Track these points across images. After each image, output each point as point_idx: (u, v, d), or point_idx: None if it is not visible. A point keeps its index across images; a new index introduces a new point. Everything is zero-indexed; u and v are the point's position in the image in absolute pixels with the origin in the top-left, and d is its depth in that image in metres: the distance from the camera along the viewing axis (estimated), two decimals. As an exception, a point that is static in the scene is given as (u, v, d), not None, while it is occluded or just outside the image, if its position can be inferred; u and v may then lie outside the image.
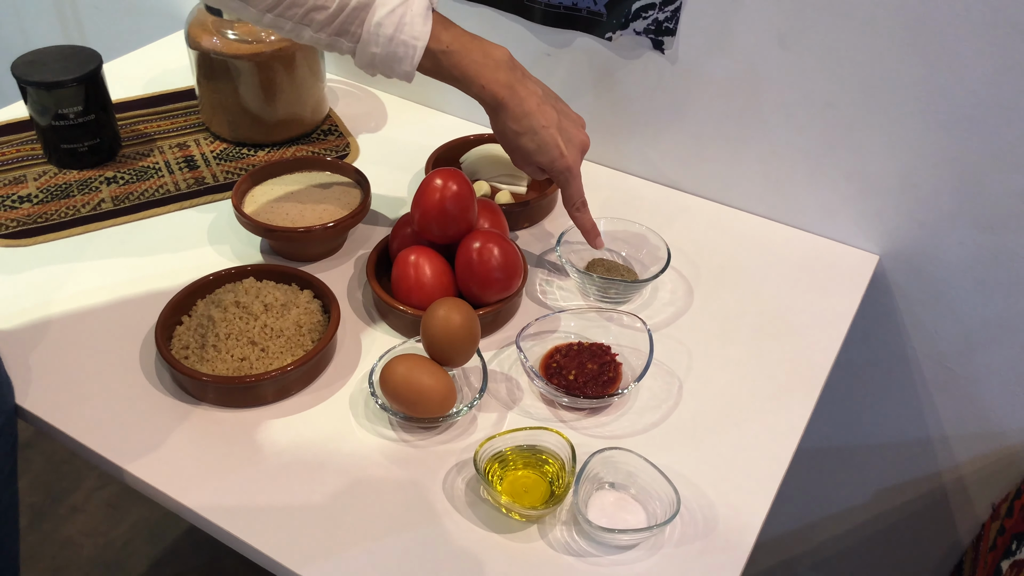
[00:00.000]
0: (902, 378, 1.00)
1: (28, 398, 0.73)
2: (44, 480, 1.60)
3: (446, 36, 0.74)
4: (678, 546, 0.64)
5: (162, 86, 1.15)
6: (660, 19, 0.91)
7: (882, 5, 0.79)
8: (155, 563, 1.47)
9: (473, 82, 0.75)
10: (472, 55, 0.75)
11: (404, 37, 0.72)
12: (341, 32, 0.72)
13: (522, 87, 0.76)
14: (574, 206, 0.83)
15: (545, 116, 0.77)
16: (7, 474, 0.72)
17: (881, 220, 0.91)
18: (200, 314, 0.77)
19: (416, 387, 0.69)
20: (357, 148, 1.06)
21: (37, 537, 1.51)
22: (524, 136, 0.77)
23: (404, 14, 0.72)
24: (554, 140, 0.77)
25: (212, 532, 0.65)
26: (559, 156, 0.78)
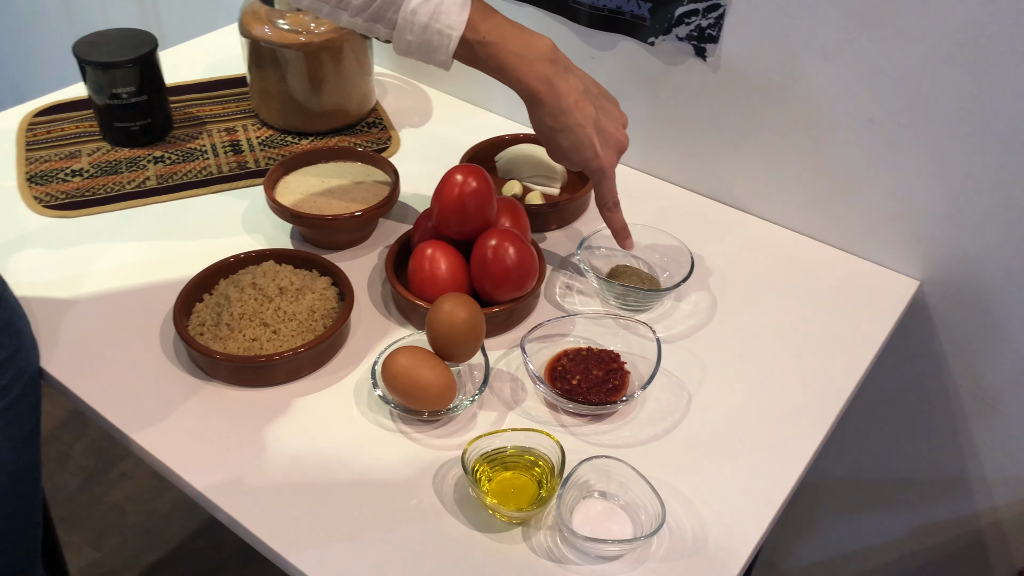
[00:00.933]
0: (940, 411, 0.95)
1: (52, 361, 0.76)
2: (98, 445, 1.67)
3: (484, 26, 0.72)
4: (662, 562, 0.63)
5: (219, 72, 1.18)
6: (703, 25, 0.89)
7: (932, 20, 0.76)
8: (192, 534, 1.52)
9: (509, 74, 0.74)
10: (511, 46, 0.73)
11: (439, 26, 0.71)
12: (376, 18, 0.72)
13: (561, 81, 0.74)
14: (606, 206, 0.81)
15: (582, 114, 0.75)
16: (28, 433, 0.75)
17: (923, 244, 0.87)
18: (219, 293, 0.79)
19: (415, 379, 0.69)
20: (398, 141, 1.07)
21: (87, 498, 1.57)
22: (559, 133, 0.76)
23: (441, 2, 0.71)
24: (589, 139, 0.76)
25: (205, 506, 0.67)
26: (593, 156, 0.77)
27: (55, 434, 1.68)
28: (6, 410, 0.71)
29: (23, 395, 0.73)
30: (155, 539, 1.51)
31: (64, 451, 1.65)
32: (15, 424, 0.73)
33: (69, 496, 1.57)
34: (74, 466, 1.63)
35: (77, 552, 1.48)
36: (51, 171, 0.98)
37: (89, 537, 1.51)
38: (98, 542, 1.50)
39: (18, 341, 0.72)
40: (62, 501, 1.56)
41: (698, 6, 0.88)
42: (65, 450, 1.66)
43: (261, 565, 1.47)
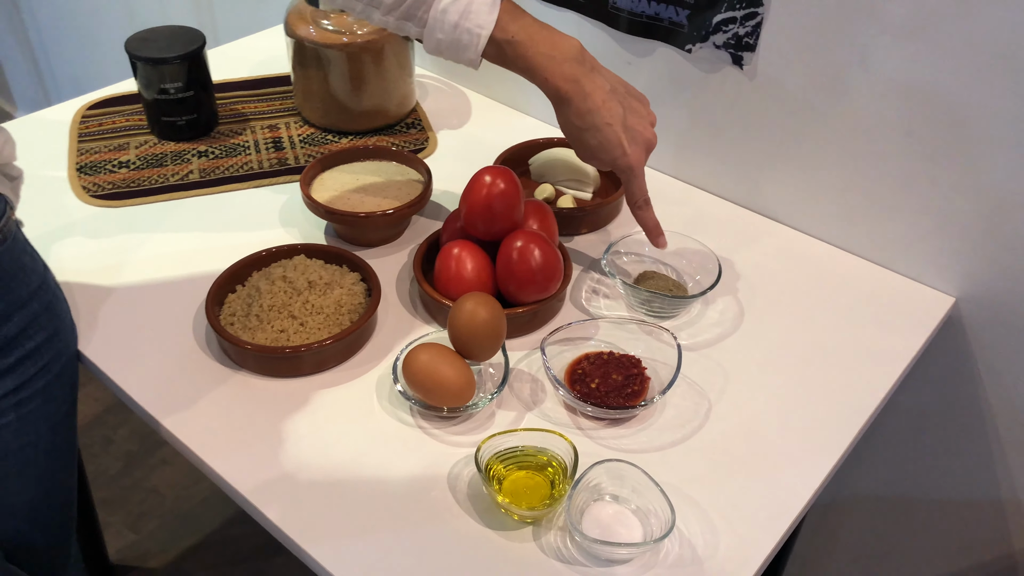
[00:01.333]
0: (974, 432, 0.93)
1: (90, 345, 0.79)
2: (141, 431, 1.71)
3: (513, 26, 0.73)
4: (671, 568, 0.63)
5: (265, 71, 1.21)
6: (740, 34, 0.88)
7: (972, 33, 0.74)
8: (226, 521, 1.55)
9: (537, 74, 0.74)
10: (539, 46, 0.74)
11: (469, 25, 0.72)
12: (408, 16, 0.73)
13: (588, 81, 0.74)
14: (636, 204, 0.81)
15: (610, 112, 0.75)
16: (65, 412, 0.78)
17: (960, 260, 0.85)
18: (251, 285, 0.81)
19: (435, 376, 0.70)
20: (435, 143, 1.08)
21: (128, 482, 1.62)
22: (587, 132, 0.76)
23: (471, 1, 0.72)
24: (617, 138, 0.76)
25: (225, 490, 0.69)
26: (621, 155, 0.76)
27: (100, 418, 1.73)
28: (44, 389, 0.74)
29: (60, 376, 0.76)
30: (191, 525, 1.55)
31: (108, 435, 1.70)
32: (52, 403, 0.76)
33: (111, 479, 1.62)
34: (117, 450, 1.68)
35: (116, 533, 1.53)
36: (100, 162, 1.01)
37: (128, 520, 1.55)
38: (136, 525, 1.55)
39: (57, 324, 0.74)
40: (104, 484, 1.61)
41: (736, 14, 0.88)
42: (109, 434, 1.71)
43: (289, 555, 1.50)
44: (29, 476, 0.78)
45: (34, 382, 0.73)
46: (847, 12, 0.80)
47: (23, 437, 0.75)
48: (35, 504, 0.81)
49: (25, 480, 0.78)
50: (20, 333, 0.71)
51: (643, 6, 0.94)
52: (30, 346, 0.72)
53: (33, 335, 0.72)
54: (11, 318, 0.69)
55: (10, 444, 0.74)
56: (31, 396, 0.74)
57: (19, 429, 0.74)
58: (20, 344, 0.71)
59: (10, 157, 0.70)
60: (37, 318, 0.72)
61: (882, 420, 0.99)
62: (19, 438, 0.75)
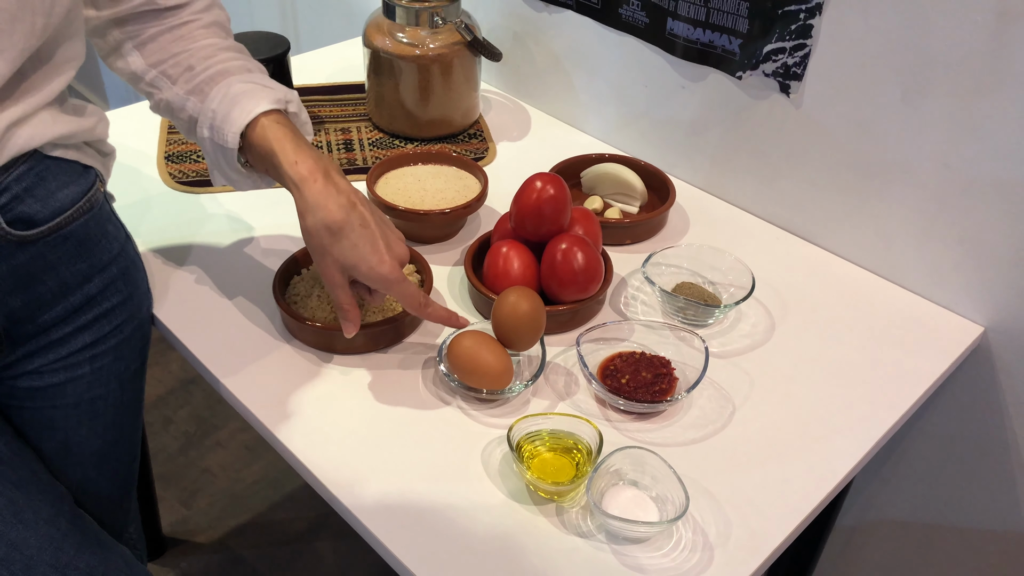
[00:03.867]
0: (998, 461, 0.95)
1: (162, 311, 0.87)
2: (199, 414, 1.80)
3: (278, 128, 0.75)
4: (683, 551, 0.67)
5: (341, 78, 1.29)
6: (789, 63, 0.93)
7: (1006, 68, 0.78)
8: (273, 505, 1.63)
9: (287, 156, 0.74)
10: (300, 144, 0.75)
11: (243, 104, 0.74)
12: (195, 91, 0.76)
13: (339, 177, 0.75)
14: (418, 306, 0.77)
15: (363, 214, 0.74)
16: (134, 372, 0.86)
17: (991, 291, 0.88)
18: (315, 270, 0.88)
19: (477, 360, 0.76)
20: (495, 153, 1.15)
21: (183, 461, 1.71)
22: (339, 235, 0.73)
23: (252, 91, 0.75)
24: (375, 242, 0.74)
25: (272, 443, 0.75)
26: (378, 262, 0.74)
27: (163, 399, 1.83)
28: (116, 347, 0.82)
29: (132, 337, 0.83)
30: (239, 505, 1.62)
31: (169, 416, 1.80)
32: (122, 361, 0.83)
33: (168, 457, 1.71)
34: (176, 430, 1.77)
35: (169, 508, 1.61)
36: (185, 152, 1.10)
37: (181, 496, 1.64)
38: (188, 501, 1.63)
39: (132, 289, 0.81)
40: (162, 460, 1.70)
41: (785, 45, 0.93)
42: (170, 415, 1.80)
43: (330, 540, 1.56)
44: (97, 426, 0.85)
45: (108, 339, 0.80)
46: (890, 47, 0.85)
47: (95, 389, 0.82)
48: (102, 453, 0.88)
49: (94, 429, 0.85)
50: (99, 293, 0.77)
51: (698, 34, 0.99)
52: (107, 306, 0.79)
53: (110, 296, 0.79)
54: (92, 279, 0.76)
55: (83, 394, 0.82)
56: (104, 352, 0.81)
57: (92, 381, 0.81)
58: (98, 303, 0.78)
59: (103, 135, 0.76)
60: (115, 282, 0.79)
61: (908, 445, 1.02)
62: (91, 390, 0.82)
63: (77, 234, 0.73)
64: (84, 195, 0.73)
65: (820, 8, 0.88)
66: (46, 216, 0.69)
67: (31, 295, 0.72)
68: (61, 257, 0.72)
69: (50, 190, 0.69)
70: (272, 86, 0.76)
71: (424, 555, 0.66)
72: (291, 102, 0.77)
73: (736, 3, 0.94)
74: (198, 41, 0.77)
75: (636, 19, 1.05)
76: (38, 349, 0.76)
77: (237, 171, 0.78)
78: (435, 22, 1.10)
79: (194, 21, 0.78)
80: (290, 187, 0.74)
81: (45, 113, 0.67)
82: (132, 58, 0.78)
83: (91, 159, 0.74)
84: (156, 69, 0.77)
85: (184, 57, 0.77)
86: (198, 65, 0.76)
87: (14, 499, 0.75)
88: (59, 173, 0.70)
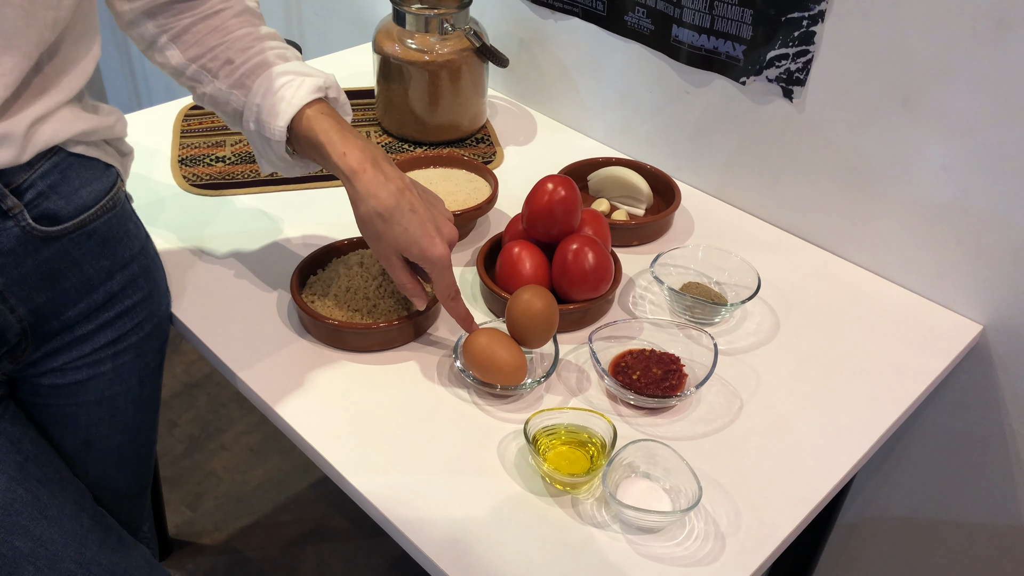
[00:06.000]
0: (997, 457, 0.97)
1: (181, 309, 0.89)
2: (204, 417, 1.82)
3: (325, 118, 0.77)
4: (695, 540, 0.69)
5: (350, 84, 1.32)
6: (792, 69, 0.96)
7: (1005, 74, 0.81)
8: (278, 507, 1.64)
9: (335, 148, 0.76)
10: (345, 131, 0.78)
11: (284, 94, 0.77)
12: (238, 85, 0.78)
13: (387, 165, 0.78)
14: (449, 296, 0.81)
15: (412, 200, 0.77)
16: (154, 368, 0.88)
17: (989, 290, 0.90)
18: (331, 269, 0.90)
19: (492, 356, 0.78)
20: (502, 156, 1.17)
21: (188, 463, 1.72)
22: (390, 221, 0.76)
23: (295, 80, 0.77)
24: (423, 226, 0.77)
25: (292, 438, 0.77)
26: (430, 244, 0.77)
27: (167, 403, 1.84)
28: (137, 344, 0.83)
29: (151, 335, 0.85)
30: (244, 507, 1.64)
31: (174, 419, 1.81)
32: (143, 358, 0.85)
33: (173, 459, 1.72)
34: (181, 433, 1.78)
35: (175, 510, 1.62)
36: (199, 156, 1.12)
37: (187, 498, 1.65)
38: (194, 503, 1.64)
39: (152, 287, 0.83)
40: (168, 463, 1.71)
41: (788, 51, 0.95)
42: (175, 418, 1.81)
43: (334, 543, 1.58)
44: (118, 422, 0.87)
45: (129, 336, 0.82)
46: (891, 53, 0.87)
47: (116, 386, 0.84)
48: (122, 450, 0.90)
49: (114, 426, 0.87)
50: (121, 291, 0.79)
51: (702, 40, 1.02)
52: (128, 303, 0.80)
53: (131, 294, 0.81)
54: (114, 276, 0.78)
55: (105, 391, 0.83)
56: (125, 349, 0.82)
57: (113, 378, 0.83)
58: (120, 301, 0.80)
59: (121, 133, 0.78)
60: (136, 279, 0.81)
61: (909, 442, 1.04)
62: (113, 386, 0.84)
63: (100, 231, 0.75)
64: (107, 193, 0.75)
65: (823, 15, 0.90)
66: (70, 213, 0.71)
67: (56, 291, 0.74)
68: (85, 254, 0.74)
69: (74, 187, 0.71)
70: (311, 73, 0.78)
71: (444, 544, 0.67)
72: (331, 87, 0.79)
73: (740, 10, 0.97)
74: (233, 32, 0.78)
75: (641, 26, 1.08)
76: (62, 346, 0.78)
77: (284, 159, 0.80)
78: (444, 28, 1.12)
79: (226, 10, 0.79)
80: (341, 178, 0.77)
81: (66, 110, 0.69)
82: (170, 52, 0.79)
83: (111, 158, 0.76)
84: (196, 64, 0.79)
85: (222, 50, 0.78)
86: (237, 58, 0.78)
87: (39, 495, 0.77)
88: (82, 170, 0.72)
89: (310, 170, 0.84)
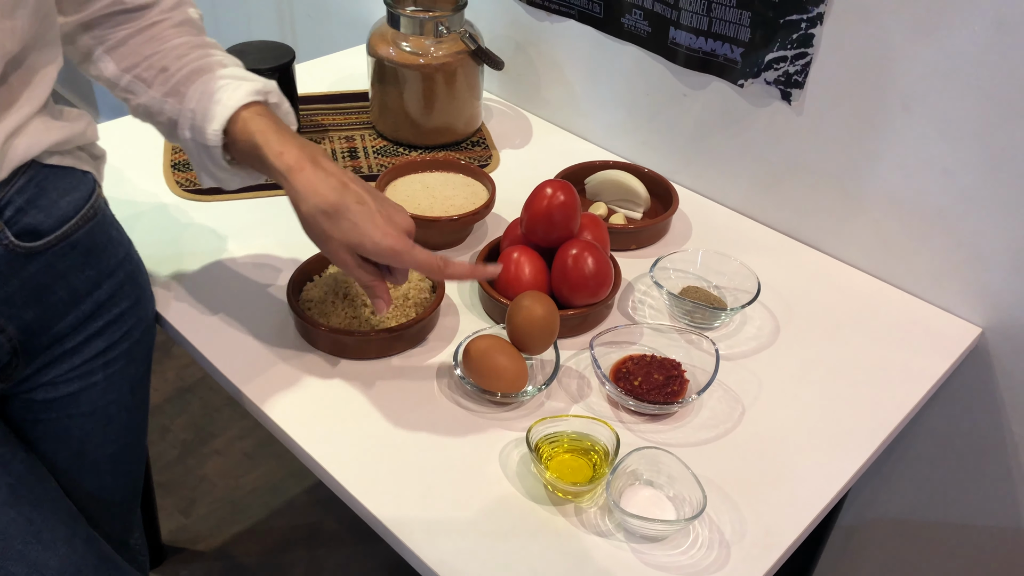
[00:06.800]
0: (996, 459, 0.97)
1: (174, 315, 0.88)
2: (197, 422, 1.80)
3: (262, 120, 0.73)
4: (700, 549, 0.68)
5: (344, 87, 1.31)
6: (790, 71, 0.95)
7: (1005, 78, 0.80)
8: (272, 512, 1.63)
9: (271, 148, 0.72)
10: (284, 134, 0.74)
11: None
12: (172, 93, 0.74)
13: (326, 160, 0.74)
14: (436, 272, 0.75)
15: (358, 191, 0.73)
16: (142, 374, 0.86)
17: (988, 293, 0.90)
18: (328, 276, 0.89)
19: (492, 363, 0.77)
20: (498, 160, 1.16)
21: (181, 469, 1.70)
22: (336, 216, 0.72)
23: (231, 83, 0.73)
24: (372, 217, 0.72)
25: (291, 448, 0.76)
26: (382, 236, 0.72)
27: (160, 408, 1.83)
28: (127, 352, 0.82)
29: (140, 340, 0.84)
30: (238, 513, 1.62)
31: (166, 424, 1.79)
32: (133, 365, 0.84)
33: (166, 465, 1.71)
34: (173, 439, 1.77)
35: (168, 516, 1.61)
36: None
37: (180, 504, 1.64)
38: (187, 509, 1.63)
39: (139, 292, 0.83)
40: (160, 468, 1.69)
41: (787, 53, 0.95)
42: (167, 423, 1.80)
43: (329, 548, 1.57)
44: (111, 432, 0.86)
45: (119, 344, 0.81)
46: (891, 56, 0.87)
47: (108, 395, 0.83)
48: (116, 458, 0.88)
49: (108, 436, 0.86)
50: (108, 299, 0.78)
51: (700, 43, 1.01)
52: (116, 312, 0.79)
53: (119, 302, 0.79)
54: (101, 285, 0.77)
55: (98, 401, 0.82)
56: (116, 357, 0.81)
57: (106, 388, 0.82)
58: (108, 309, 0.79)
59: (93, 137, 0.76)
60: (123, 286, 0.80)
61: (908, 444, 1.04)
62: (105, 396, 0.83)
63: (84, 242, 0.74)
64: (86, 202, 0.73)
65: (821, 18, 0.90)
66: (52, 225, 0.70)
67: (44, 306, 0.72)
68: (70, 265, 0.73)
69: (52, 199, 0.70)
70: (249, 78, 0.74)
71: (446, 554, 0.67)
72: (271, 92, 0.75)
73: (738, 13, 0.96)
74: (170, 41, 0.75)
75: (638, 28, 1.07)
76: (52, 360, 0.77)
77: (224, 169, 0.76)
78: (439, 31, 1.12)
79: (163, 21, 0.76)
80: (278, 178, 0.73)
81: (37, 121, 0.68)
82: (104, 64, 0.76)
83: (85, 164, 0.75)
84: (130, 74, 0.75)
85: (157, 59, 0.75)
86: (172, 65, 0.74)
87: (32, 519, 0.75)
88: (58, 181, 0.71)
89: (252, 180, 0.79)
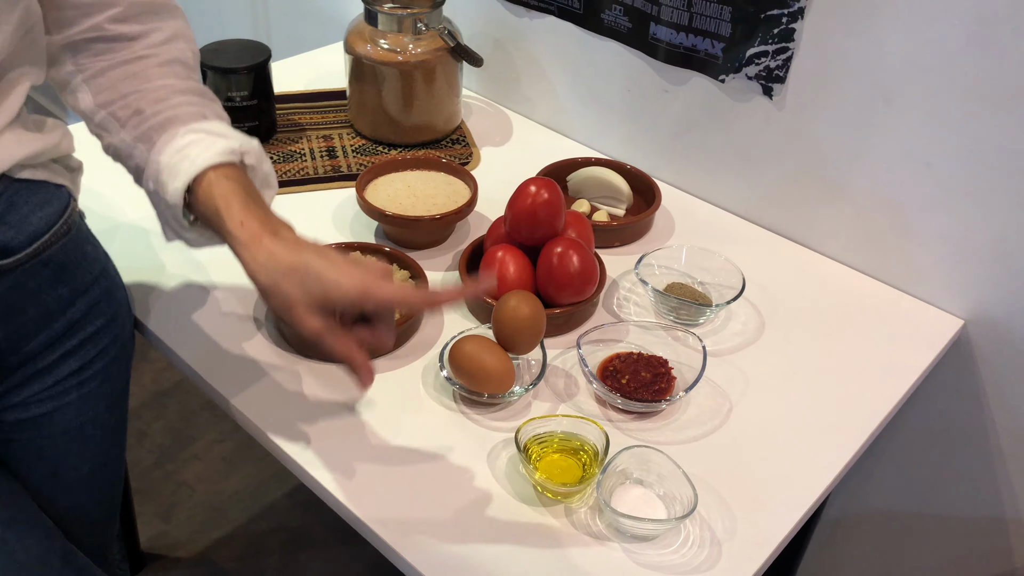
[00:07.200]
0: (979, 450, 0.98)
1: (150, 320, 0.86)
2: (175, 427, 1.78)
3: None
4: (691, 547, 0.68)
5: (321, 85, 1.29)
6: (771, 66, 0.95)
7: (986, 72, 0.81)
8: (253, 517, 1.61)
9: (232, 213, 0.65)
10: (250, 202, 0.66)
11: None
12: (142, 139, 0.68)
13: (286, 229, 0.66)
14: (433, 302, 0.72)
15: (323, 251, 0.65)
16: (119, 392, 0.84)
17: (971, 285, 0.91)
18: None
19: (479, 364, 0.76)
20: (479, 158, 1.15)
21: (160, 475, 1.68)
22: (307, 265, 0.63)
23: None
24: (343, 263, 0.64)
25: (276, 454, 0.75)
26: (358, 281, 0.64)
27: (136, 412, 1.80)
28: (103, 370, 0.80)
29: (117, 358, 0.81)
30: (218, 518, 1.60)
31: (143, 429, 1.77)
32: (108, 383, 0.81)
33: (144, 471, 1.68)
34: (151, 444, 1.74)
35: (147, 523, 1.58)
36: (168, 161, 1.09)
37: (159, 510, 1.61)
38: (167, 515, 1.60)
39: (116, 309, 0.80)
40: (138, 475, 1.67)
41: (768, 48, 0.95)
42: (144, 428, 1.77)
43: (313, 552, 1.55)
44: (86, 451, 0.83)
45: (94, 363, 0.78)
46: (873, 50, 0.87)
47: (83, 415, 0.80)
48: (92, 478, 0.85)
49: (83, 455, 0.83)
50: (83, 317, 0.75)
51: (681, 38, 1.01)
52: (91, 329, 0.76)
53: (94, 319, 0.76)
54: (74, 303, 0.74)
55: (72, 421, 0.79)
56: (91, 376, 0.79)
57: (80, 407, 0.79)
58: (82, 327, 0.76)
59: (69, 149, 0.72)
60: (98, 303, 0.76)
61: (891, 437, 1.05)
62: (80, 416, 0.80)
63: (56, 259, 0.70)
64: (60, 217, 0.70)
65: (803, 12, 0.90)
66: (22, 242, 0.67)
67: (13, 326, 0.70)
68: (42, 284, 0.70)
69: (23, 215, 0.66)
70: (227, 135, 0.68)
71: (435, 559, 0.66)
72: (248, 152, 0.68)
73: (719, 8, 0.96)
74: (152, 81, 0.69)
75: (619, 24, 1.06)
76: (23, 380, 0.74)
77: (186, 229, 0.69)
78: (418, 28, 1.10)
79: (149, 57, 0.70)
80: (236, 248, 0.65)
81: (8, 134, 0.64)
82: (81, 94, 0.70)
83: (60, 177, 0.71)
84: (105, 110, 0.69)
85: (134, 99, 0.69)
86: (148, 108, 0.68)
87: (6, 539, 0.73)
88: (29, 196, 0.67)
89: (216, 244, 0.70)
